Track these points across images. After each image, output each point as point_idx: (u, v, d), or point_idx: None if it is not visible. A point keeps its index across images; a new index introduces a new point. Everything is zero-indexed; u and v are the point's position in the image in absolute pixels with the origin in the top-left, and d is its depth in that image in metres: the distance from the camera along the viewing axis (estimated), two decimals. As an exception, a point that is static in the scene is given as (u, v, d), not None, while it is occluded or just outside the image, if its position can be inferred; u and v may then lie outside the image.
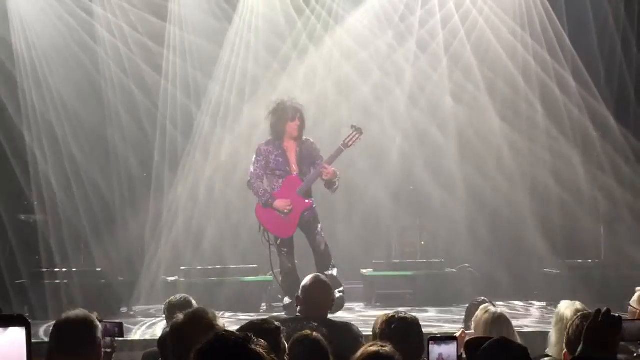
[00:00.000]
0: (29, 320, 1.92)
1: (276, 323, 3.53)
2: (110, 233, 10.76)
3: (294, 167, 8.46)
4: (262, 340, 2.38)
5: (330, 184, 8.45)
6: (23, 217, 10.46)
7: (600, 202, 10.62)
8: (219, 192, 11.00)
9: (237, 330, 3.51)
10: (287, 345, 3.55)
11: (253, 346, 2.33)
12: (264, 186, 8.48)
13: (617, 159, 10.97)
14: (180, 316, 3.64)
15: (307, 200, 8.45)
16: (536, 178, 11.15)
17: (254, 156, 8.54)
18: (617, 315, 2.97)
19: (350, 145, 8.48)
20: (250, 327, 3.49)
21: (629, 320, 3.33)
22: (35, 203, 10.48)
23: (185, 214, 10.99)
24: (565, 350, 3.77)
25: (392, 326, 4.18)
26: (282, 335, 3.50)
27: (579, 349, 3.16)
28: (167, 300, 5.57)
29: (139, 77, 11.16)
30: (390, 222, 11.35)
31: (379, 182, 11.18)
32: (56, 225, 10.41)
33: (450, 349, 3.05)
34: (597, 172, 10.83)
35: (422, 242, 11.02)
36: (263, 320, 3.64)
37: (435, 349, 3.04)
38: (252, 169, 8.52)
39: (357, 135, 8.49)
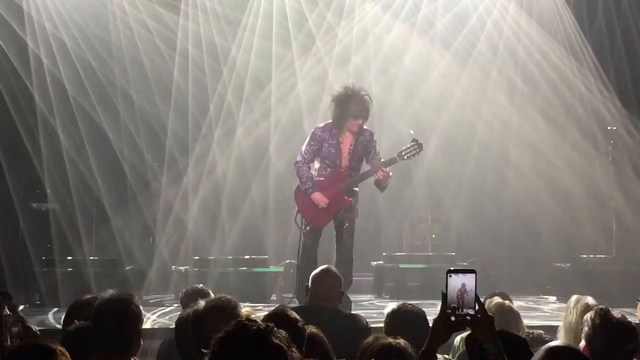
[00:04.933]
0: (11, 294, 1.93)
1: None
2: (121, 222, 10.78)
3: (345, 161, 7.98)
4: (283, 332, 2.36)
5: (379, 184, 8.03)
6: (35, 205, 10.49)
7: (612, 196, 10.57)
8: (232, 182, 10.98)
9: (262, 320, 3.52)
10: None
11: (274, 338, 2.31)
12: (309, 173, 8.01)
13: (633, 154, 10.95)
14: (202, 303, 3.62)
15: (347, 197, 7.98)
16: (549, 172, 11.09)
17: (308, 138, 8.08)
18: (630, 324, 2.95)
19: (406, 158, 8.04)
20: (274, 316, 3.49)
21: None
22: (48, 191, 10.51)
23: (197, 204, 10.98)
24: (584, 344, 3.76)
25: (399, 318, 4.19)
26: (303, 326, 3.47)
27: None
28: (184, 290, 5.56)
29: (154, 50, 11.04)
30: (402, 215, 11.31)
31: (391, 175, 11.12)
32: (68, 213, 10.44)
33: (471, 280, 2.87)
34: (611, 167, 10.77)
35: (433, 235, 10.99)
36: (284, 309, 3.64)
37: (457, 280, 2.86)
38: (303, 151, 8.06)
39: (417, 150, 8.03)
